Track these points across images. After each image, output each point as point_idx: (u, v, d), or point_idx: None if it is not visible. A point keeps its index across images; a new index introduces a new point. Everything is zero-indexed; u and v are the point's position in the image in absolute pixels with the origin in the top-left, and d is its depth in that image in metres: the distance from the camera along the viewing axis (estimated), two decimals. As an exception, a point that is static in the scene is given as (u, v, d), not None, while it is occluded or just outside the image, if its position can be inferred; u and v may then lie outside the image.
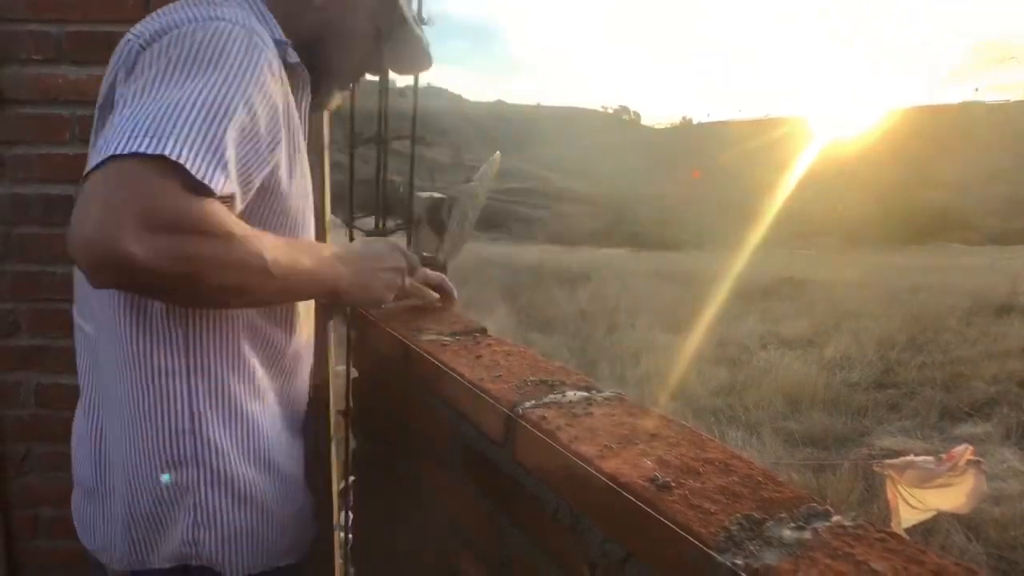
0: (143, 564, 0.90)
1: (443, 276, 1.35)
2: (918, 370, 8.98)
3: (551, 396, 0.87)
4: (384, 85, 1.48)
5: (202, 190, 0.72)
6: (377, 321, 1.26)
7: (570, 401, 0.86)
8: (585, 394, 0.88)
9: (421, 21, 1.12)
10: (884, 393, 8.66)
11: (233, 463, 0.91)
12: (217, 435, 0.89)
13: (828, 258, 22.33)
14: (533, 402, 0.85)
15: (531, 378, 0.94)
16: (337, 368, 1.62)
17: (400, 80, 1.51)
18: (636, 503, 0.64)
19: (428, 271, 1.33)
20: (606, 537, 0.68)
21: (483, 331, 1.20)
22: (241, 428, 0.92)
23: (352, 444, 1.50)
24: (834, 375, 9.10)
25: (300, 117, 0.96)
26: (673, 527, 0.60)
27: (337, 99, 1.06)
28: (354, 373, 1.46)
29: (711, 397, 8.33)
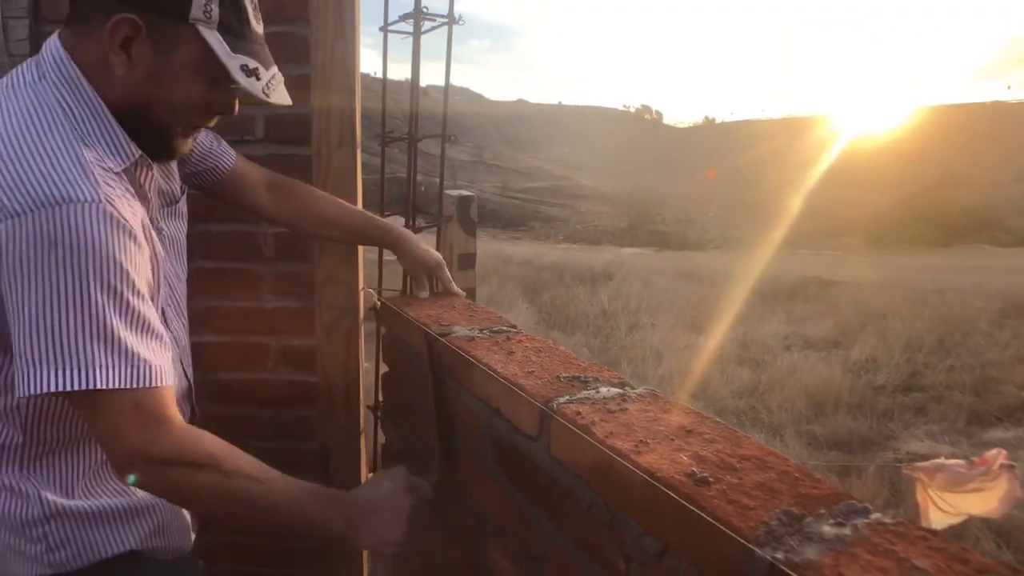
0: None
1: (449, 277, 1.44)
2: (946, 373, 8.83)
3: (585, 392, 0.88)
4: (415, 84, 1.50)
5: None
6: (407, 317, 1.28)
7: (604, 397, 0.86)
8: (619, 390, 0.89)
9: None
10: (911, 396, 8.52)
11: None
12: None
13: (854, 258, 22.04)
14: (567, 397, 0.86)
15: (564, 374, 0.94)
16: (365, 364, 1.64)
17: (425, 80, 1.52)
18: (674, 498, 0.64)
19: (444, 270, 1.41)
20: (643, 531, 0.69)
21: (513, 327, 1.20)
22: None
23: (381, 439, 1.52)
24: (859, 377, 8.97)
25: (150, 194, 1.00)
26: (712, 521, 0.60)
27: (186, 146, 1.03)
28: (384, 368, 1.47)
29: (733, 398, 8.26)
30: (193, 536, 1.15)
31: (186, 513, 1.12)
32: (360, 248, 1.55)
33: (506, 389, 0.92)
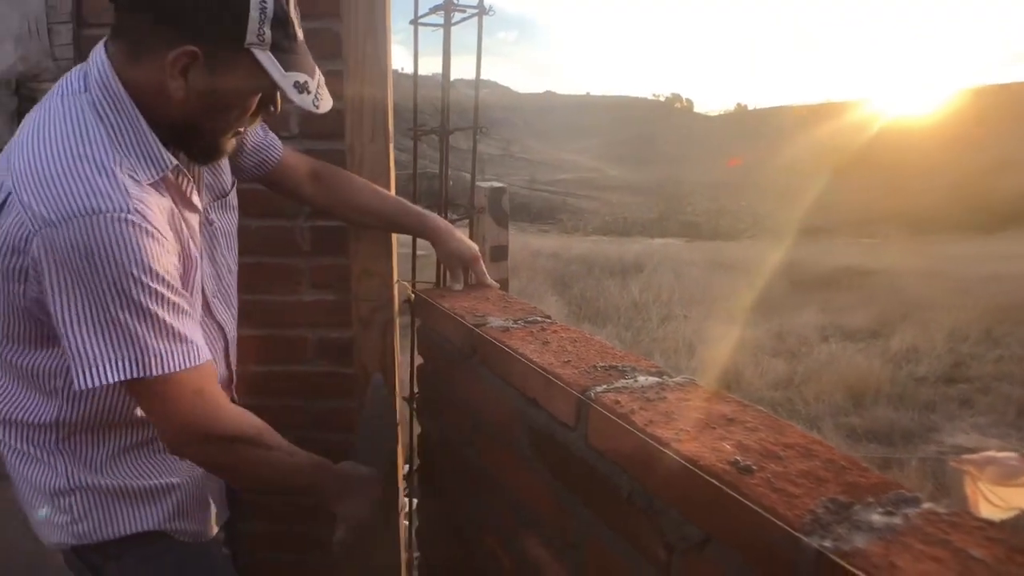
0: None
1: (484, 270, 1.45)
2: (994, 364, 8.61)
3: (622, 381, 0.87)
4: (447, 75, 1.50)
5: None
6: (442, 309, 1.28)
7: (642, 386, 0.85)
8: (657, 379, 0.88)
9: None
10: (955, 388, 8.33)
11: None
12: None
13: (893, 247, 21.56)
14: (605, 386, 0.85)
15: (600, 363, 0.94)
16: (400, 357, 1.65)
17: (452, 74, 1.52)
18: (717, 486, 0.63)
19: (479, 261, 1.43)
20: (684, 519, 0.68)
21: (547, 317, 1.20)
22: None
23: (417, 430, 1.53)
24: (900, 368, 8.80)
25: (192, 196, 1.05)
26: (757, 510, 0.59)
27: (231, 146, 1.07)
28: (418, 360, 1.48)
29: (769, 390, 8.15)
30: (216, 526, 1.18)
31: (210, 499, 1.17)
32: (394, 240, 1.55)
33: (542, 378, 0.92)
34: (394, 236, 1.54)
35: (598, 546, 0.83)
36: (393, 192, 1.50)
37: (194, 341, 0.95)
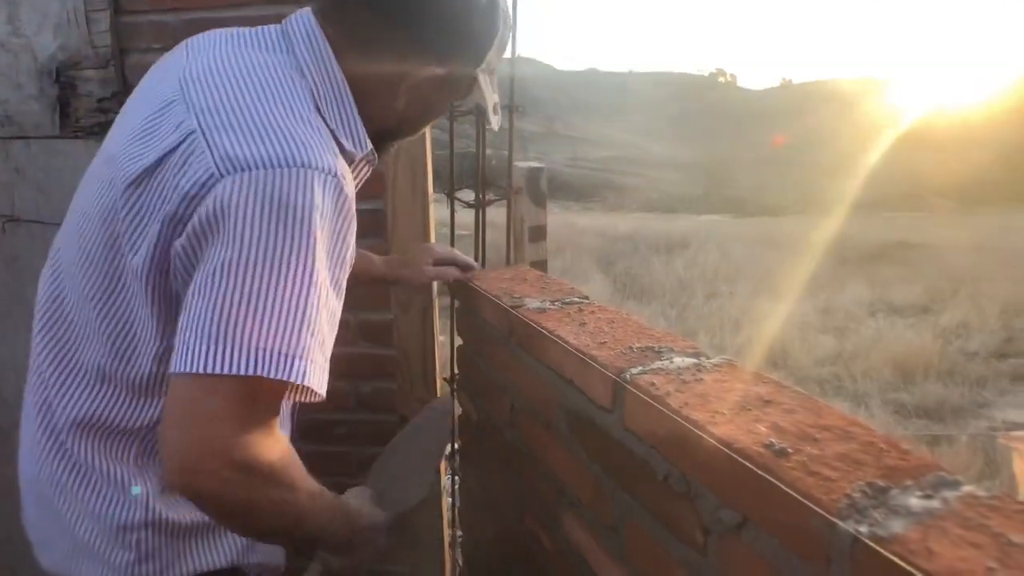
0: None
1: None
2: (1048, 339, 8.37)
3: (658, 362, 0.87)
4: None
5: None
6: (479, 290, 1.29)
7: (678, 368, 0.85)
8: (694, 360, 0.87)
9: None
10: (1007, 363, 8.11)
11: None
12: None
13: (944, 220, 20.93)
14: (640, 368, 0.85)
15: (637, 345, 0.94)
16: (440, 338, 1.67)
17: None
18: (752, 469, 0.63)
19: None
20: (720, 503, 0.68)
21: (585, 299, 1.20)
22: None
23: (458, 411, 1.55)
24: (950, 343, 8.59)
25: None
26: (792, 493, 0.59)
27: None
28: (458, 341, 1.49)
29: (816, 366, 8.02)
30: (285, 555, 1.09)
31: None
32: (431, 222, 1.57)
33: (579, 360, 0.92)
34: (431, 215, 1.55)
35: (637, 529, 0.84)
36: (430, 171, 1.52)
37: (318, 363, 0.78)
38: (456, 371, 1.55)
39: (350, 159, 0.89)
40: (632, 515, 0.85)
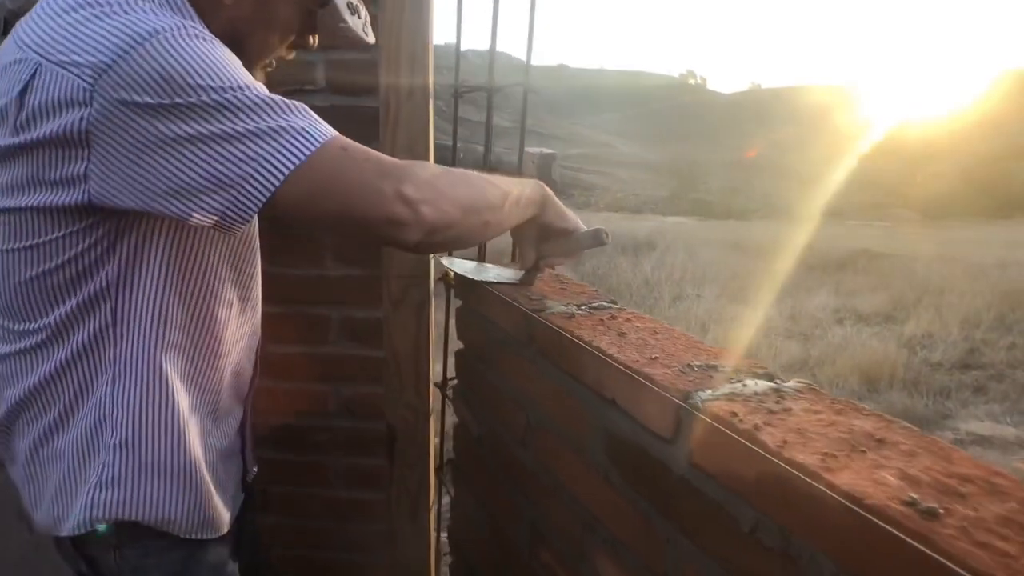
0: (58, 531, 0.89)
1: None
2: (1007, 351, 8.50)
3: (729, 386, 0.73)
4: (494, 26, 1.34)
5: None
6: (490, 288, 1.13)
7: (756, 393, 0.71)
8: (769, 384, 0.73)
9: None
10: (969, 374, 8.22)
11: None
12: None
13: (907, 231, 21.35)
14: (710, 393, 0.71)
15: (695, 362, 0.79)
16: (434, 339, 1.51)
17: (465, 44, 1.36)
18: (896, 535, 0.49)
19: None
20: (840, 570, 0.54)
21: (614, 303, 1.05)
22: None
23: (453, 420, 1.39)
24: (915, 353, 8.67)
25: None
26: (961, 573, 0.45)
27: (259, 78, 0.93)
28: (457, 344, 1.34)
29: (782, 372, 7.98)
30: (228, 518, 1.00)
31: (228, 485, 1.00)
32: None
33: (627, 379, 0.78)
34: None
35: (702, 584, 0.69)
36: (432, 154, 1.35)
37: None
38: (452, 377, 1.39)
39: None
40: (695, 566, 0.70)
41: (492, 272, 1.19)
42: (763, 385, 0.73)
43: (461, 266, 1.22)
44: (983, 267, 13.36)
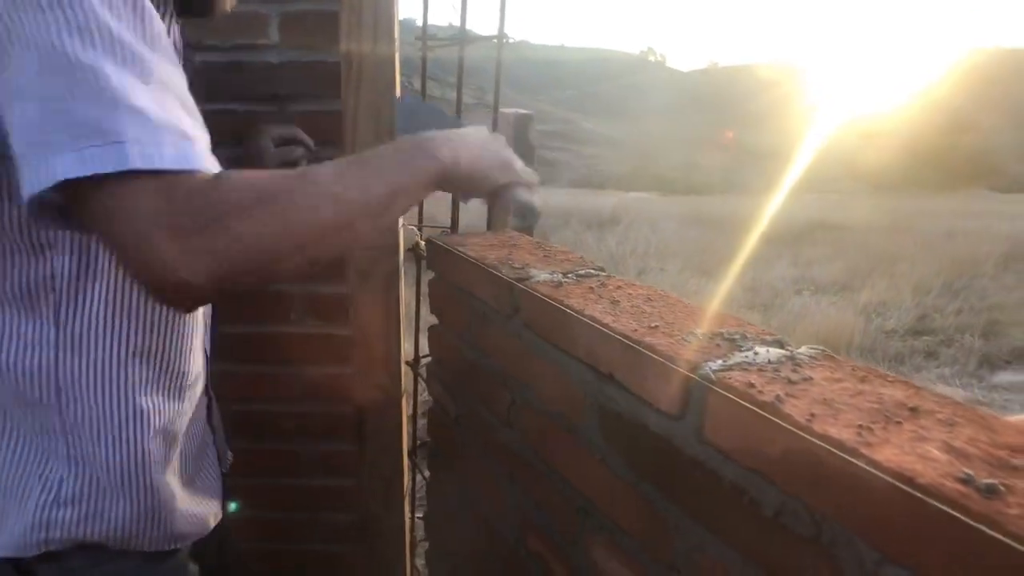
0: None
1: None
2: (955, 316, 8.74)
3: (739, 355, 0.66)
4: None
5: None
6: (467, 258, 1.05)
7: (770, 361, 0.65)
8: (782, 351, 0.67)
9: None
10: (921, 340, 8.43)
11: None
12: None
13: (859, 202, 21.77)
14: (721, 362, 0.64)
15: (699, 330, 0.73)
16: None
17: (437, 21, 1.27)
18: (957, 517, 0.43)
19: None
20: (885, 559, 0.48)
21: (601, 270, 0.98)
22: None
23: (427, 400, 1.31)
24: (870, 321, 8.85)
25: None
26: (1038, 559, 0.39)
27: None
28: (430, 319, 1.26)
29: (745, 343, 8.10)
30: (200, 525, 0.89)
31: (197, 495, 0.88)
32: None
33: (626, 350, 0.71)
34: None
35: (718, 573, 0.63)
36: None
37: (192, 137, 0.59)
38: (426, 355, 1.31)
39: None
40: (709, 554, 0.64)
41: None
42: (776, 352, 0.67)
43: None
44: (932, 236, 13.68)
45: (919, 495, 0.45)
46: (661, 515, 0.69)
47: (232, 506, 0.88)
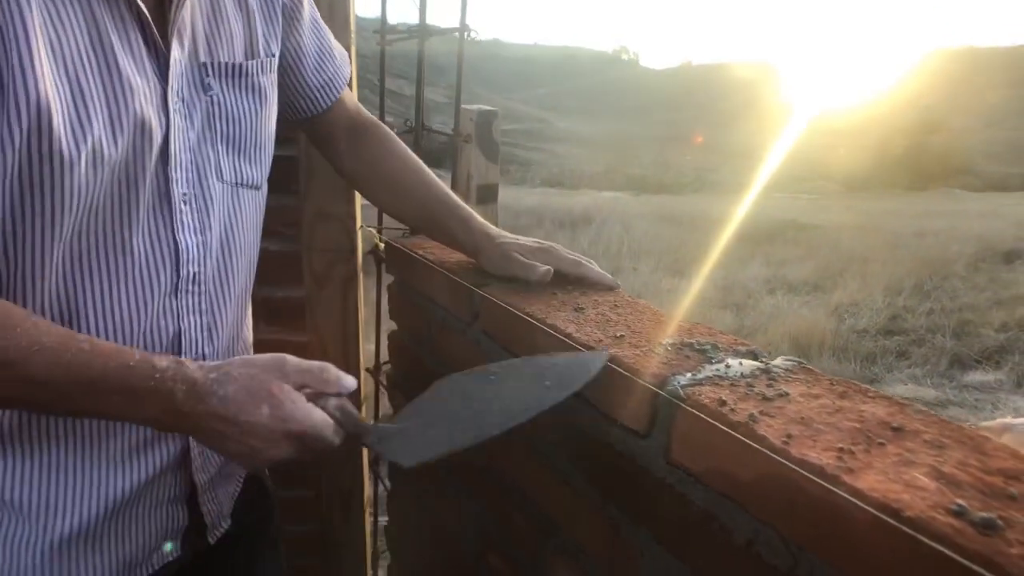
0: None
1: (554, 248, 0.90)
2: (926, 316, 8.85)
3: (710, 368, 0.62)
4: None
5: None
6: (427, 263, 1.00)
7: (743, 375, 0.60)
8: (756, 363, 0.63)
9: None
10: (892, 340, 8.52)
11: None
12: None
13: (830, 202, 22.06)
14: (690, 376, 0.60)
15: (667, 340, 0.68)
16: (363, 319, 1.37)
17: (394, 17, 1.22)
18: (950, 556, 0.38)
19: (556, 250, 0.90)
20: (868, 598, 0.43)
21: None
22: None
23: (388, 412, 1.26)
24: (842, 321, 8.94)
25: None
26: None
27: None
28: (391, 325, 1.20)
29: (717, 343, 8.13)
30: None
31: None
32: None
33: (590, 361, 0.66)
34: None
35: (685, 603, 0.58)
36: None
37: None
38: (386, 361, 1.25)
39: None
40: (676, 584, 0.59)
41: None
42: (748, 365, 0.62)
43: None
44: (902, 236, 13.88)
45: (906, 529, 0.41)
46: (626, 538, 0.65)
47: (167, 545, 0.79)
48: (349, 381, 0.70)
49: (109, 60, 0.64)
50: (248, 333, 0.87)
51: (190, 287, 0.74)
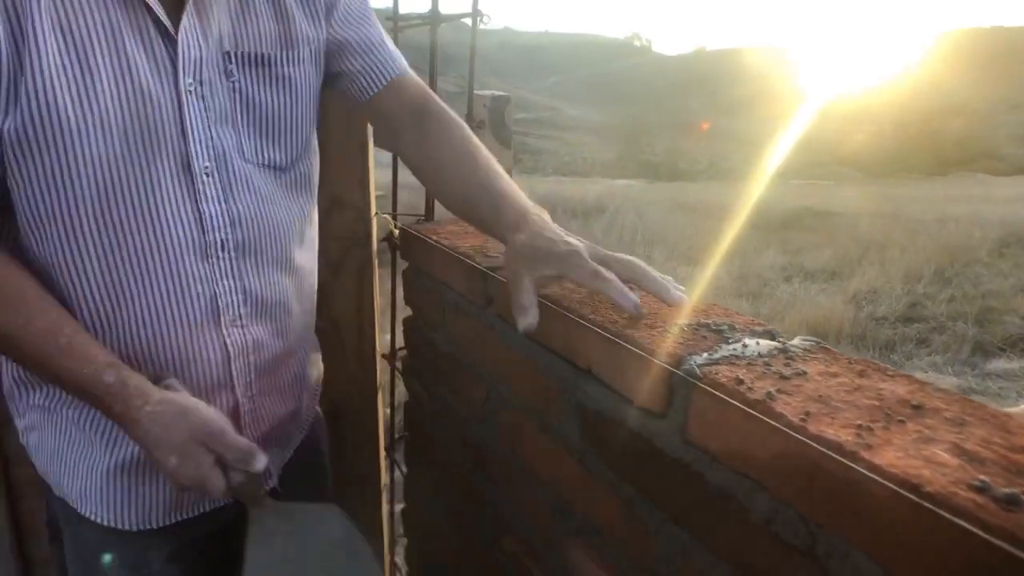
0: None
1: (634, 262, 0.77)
2: (947, 304, 8.73)
3: (727, 347, 0.61)
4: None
5: None
6: (441, 248, 1.00)
7: (760, 355, 0.60)
8: (773, 343, 0.62)
9: None
10: (912, 327, 8.43)
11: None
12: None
13: (848, 189, 21.83)
14: (707, 356, 0.59)
15: (683, 321, 0.68)
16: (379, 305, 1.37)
17: (405, 6, 1.21)
18: (972, 531, 0.38)
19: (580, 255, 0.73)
20: (886, 572, 0.43)
21: (580, 258, 0.93)
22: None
23: (404, 395, 1.26)
24: (860, 309, 8.86)
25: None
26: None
27: None
28: (406, 311, 1.20)
29: (734, 331, 8.09)
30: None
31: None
32: (370, 164, 1.26)
33: (605, 343, 0.66)
34: (370, 156, 1.24)
35: (702, 582, 0.58)
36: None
37: None
38: (402, 347, 1.25)
39: None
40: (694, 560, 0.59)
41: None
42: (766, 345, 0.62)
43: None
44: (922, 223, 13.70)
45: (927, 504, 0.40)
46: (642, 518, 0.65)
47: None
48: (259, 464, 0.76)
49: (117, 39, 0.69)
50: (296, 304, 0.90)
51: (220, 253, 0.79)
